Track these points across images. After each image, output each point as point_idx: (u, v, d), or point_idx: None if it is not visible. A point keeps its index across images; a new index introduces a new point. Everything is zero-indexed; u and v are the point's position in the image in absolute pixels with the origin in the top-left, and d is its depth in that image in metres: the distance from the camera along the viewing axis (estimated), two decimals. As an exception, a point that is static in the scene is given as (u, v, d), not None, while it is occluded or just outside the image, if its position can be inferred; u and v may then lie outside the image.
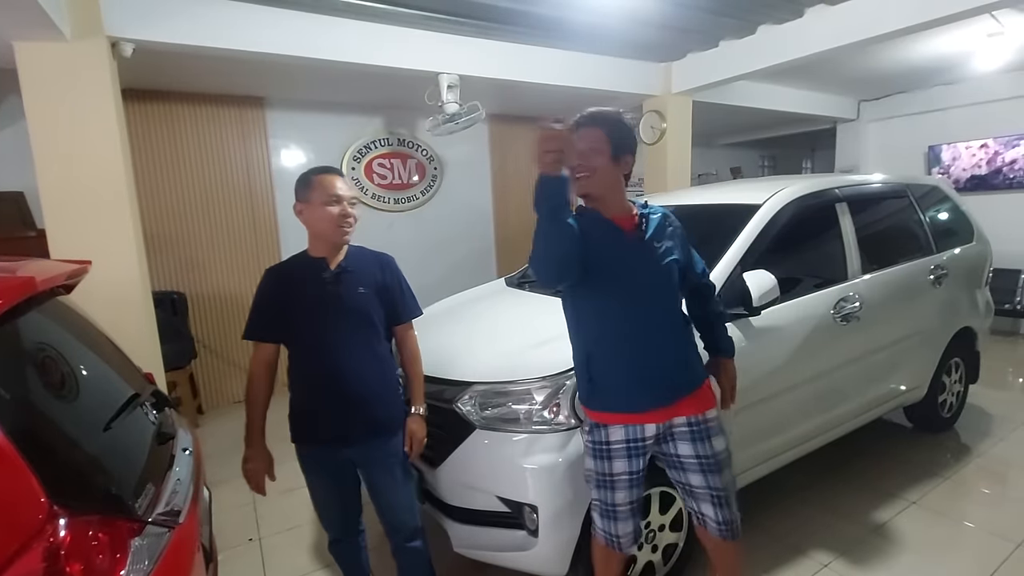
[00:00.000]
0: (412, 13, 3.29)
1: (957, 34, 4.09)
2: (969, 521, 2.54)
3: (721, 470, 1.63)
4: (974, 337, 3.37)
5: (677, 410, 1.61)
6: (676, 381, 1.62)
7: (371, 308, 1.78)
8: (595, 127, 1.55)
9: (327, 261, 1.78)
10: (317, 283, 1.75)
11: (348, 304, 1.75)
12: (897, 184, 3.20)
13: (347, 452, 1.78)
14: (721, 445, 1.64)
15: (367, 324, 1.77)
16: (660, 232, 1.63)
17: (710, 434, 1.62)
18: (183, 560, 1.25)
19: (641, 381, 1.58)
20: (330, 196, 1.71)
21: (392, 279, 1.85)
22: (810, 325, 2.38)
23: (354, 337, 1.75)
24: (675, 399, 1.60)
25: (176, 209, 4.36)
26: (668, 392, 1.60)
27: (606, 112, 1.58)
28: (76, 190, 2.67)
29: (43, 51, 2.54)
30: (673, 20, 3.59)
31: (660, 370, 1.59)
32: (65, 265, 1.60)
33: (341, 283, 1.76)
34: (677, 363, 1.63)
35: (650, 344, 1.58)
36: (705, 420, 1.63)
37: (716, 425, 1.65)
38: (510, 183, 6.00)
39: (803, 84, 5.71)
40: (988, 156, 5.77)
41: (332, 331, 1.73)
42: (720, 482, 1.63)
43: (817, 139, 8.01)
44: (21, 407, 1.16)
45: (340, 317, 1.74)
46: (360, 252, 1.87)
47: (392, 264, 1.89)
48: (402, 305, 1.87)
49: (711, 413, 1.64)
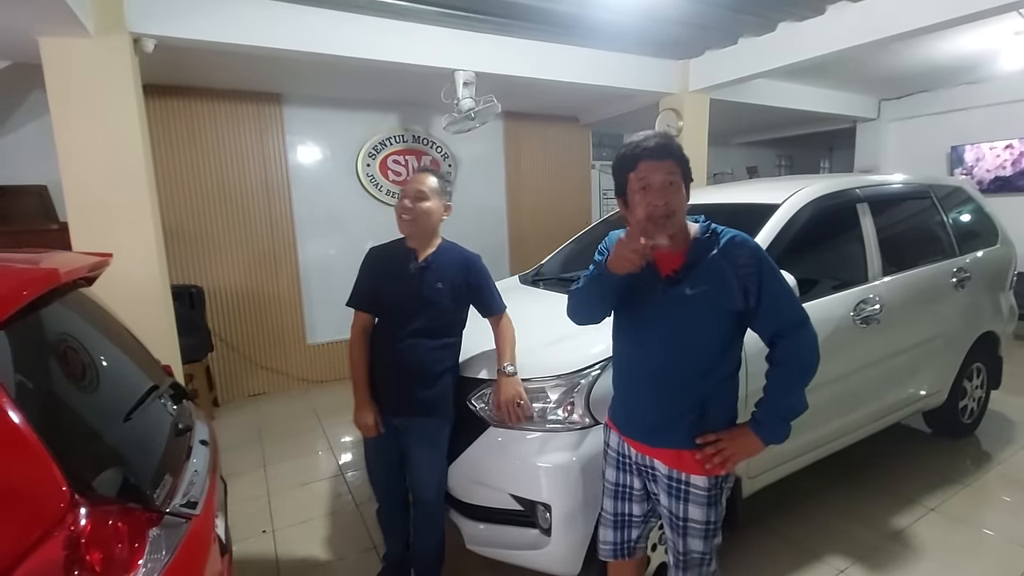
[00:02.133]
0: (429, 9, 3.29)
1: (982, 32, 4.00)
2: (989, 529, 2.49)
3: (692, 537, 1.47)
4: (997, 342, 3.31)
5: (656, 454, 1.49)
6: (656, 429, 1.47)
7: (443, 302, 1.93)
8: (668, 159, 1.33)
9: (416, 252, 1.97)
10: (402, 272, 1.96)
11: (423, 295, 1.92)
12: (919, 185, 3.14)
13: (393, 420, 1.99)
14: (700, 515, 1.44)
15: (434, 316, 1.93)
16: (705, 272, 1.37)
17: (688, 499, 1.45)
18: (199, 551, 1.26)
19: (627, 408, 1.56)
20: (402, 192, 1.96)
21: (473, 278, 1.99)
22: (829, 327, 2.34)
23: (418, 324, 1.92)
24: (653, 444, 1.48)
25: (194, 203, 4.41)
26: (645, 434, 1.50)
27: (671, 140, 1.38)
28: (98, 184, 2.71)
29: (67, 47, 2.58)
30: (692, 17, 3.55)
31: (642, 414, 1.50)
32: (87, 257, 1.63)
33: (421, 276, 1.94)
34: (662, 417, 1.45)
35: (641, 385, 1.50)
36: (685, 482, 1.44)
37: (702, 495, 1.43)
38: (524, 181, 5.99)
39: (823, 83, 5.62)
40: (1013, 157, 5.65)
41: (401, 315, 1.94)
42: (686, 547, 1.48)
43: (835, 138, 7.88)
44: (44, 397, 1.17)
45: (412, 305, 1.92)
46: (450, 249, 2.02)
47: (475, 264, 2.01)
48: (482, 302, 2.03)
49: (697, 480, 1.43)
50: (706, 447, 1.42)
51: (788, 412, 1.42)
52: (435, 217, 1.94)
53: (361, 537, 2.61)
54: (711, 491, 1.44)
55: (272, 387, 4.86)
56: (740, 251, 1.37)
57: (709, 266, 1.37)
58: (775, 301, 1.38)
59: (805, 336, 1.40)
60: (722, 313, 1.38)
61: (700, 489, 1.43)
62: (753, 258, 1.37)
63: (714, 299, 1.37)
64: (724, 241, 1.39)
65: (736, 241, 1.39)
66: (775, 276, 1.39)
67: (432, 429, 1.96)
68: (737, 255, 1.37)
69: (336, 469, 3.32)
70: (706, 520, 1.45)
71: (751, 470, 2.17)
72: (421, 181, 1.93)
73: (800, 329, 1.39)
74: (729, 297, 1.36)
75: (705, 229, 1.42)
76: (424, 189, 1.91)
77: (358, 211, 5.07)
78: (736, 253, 1.37)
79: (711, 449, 1.41)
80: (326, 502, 2.94)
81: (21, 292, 1.17)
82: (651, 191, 1.33)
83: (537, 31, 3.73)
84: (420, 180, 1.94)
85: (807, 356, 1.40)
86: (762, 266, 1.37)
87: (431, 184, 1.93)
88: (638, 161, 1.34)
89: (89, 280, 1.75)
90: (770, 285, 1.37)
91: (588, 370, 1.88)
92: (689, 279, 1.38)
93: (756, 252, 1.39)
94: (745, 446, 1.42)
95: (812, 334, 1.41)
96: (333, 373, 5.07)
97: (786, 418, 1.42)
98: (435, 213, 1.93)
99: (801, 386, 1.41)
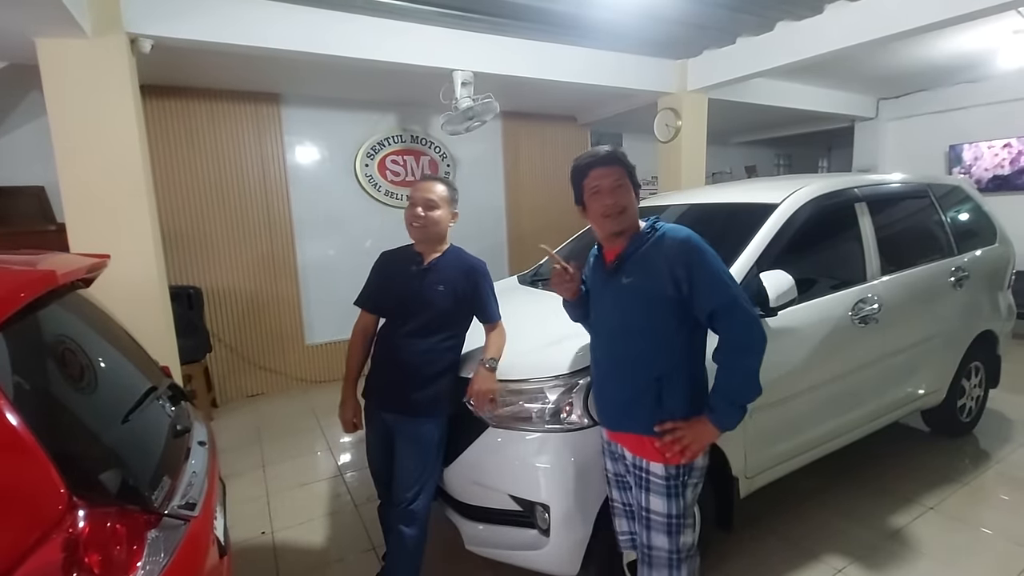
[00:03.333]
0: (427, 9, 3.29)
1: (981, 31, 4.01)
2: (987, 528, 2.49)
3: (654, 530, 1.51)
4: (995, 341, 3.31)
5: (620, 439, 1.62)
6: (616, 414, 1.60)
7: (444, 305, 1.96)
8: (614, 165, 1.52)
9: (423, 257, 2.01)
10: (407, 273, 2.00)
11: (424, 297, 1.96)
12: (918, 184, 3.15)
13: (386, 417, 2.01)
14: (660, 506, 1.49)
15: (432, 317, 1.96)
16: (638, 262, 1.50)
17: (648, 487, 1.51)
18: (198, 552, 1.26)
19: (597, 395, 1.69)
20: (412, 198, 2.00)
21: (472, 285, 2.01)
22: (828, 327, 2.35)
23: (415, 325, 1.95)
24: (617, 429, 1.61)
25: (192, 204, 4.40)
26: (611, 419, 1.63)
27: (616, 150, 1.57)
28: (96, 185, 2.70)
29: (64, 48, 2.57)
30: (690, 16, 3.56)
31: (608, 399, 1.63)
32: (85, 259, 1.62)
33: (424, 278, 1.98)
34: (618, 402, 1.57)
35: (603, 372, 1.64)
36: (645, 470, 1.52)
37: (661, 483, 1.49)
38: (523, 181, 6.00)
39: (821, 82, 5.63)
40: (1011, 156, 5.66)
41: (400, 315, 1.98)
42: (649, 540, 1.53)
43: (834, 138, 7.89)
44: (42, 399, 1.17)
45: (411, 305, 1.96)
46: (455, 254, 2.06)
47: (476, 271, 2.04)
48: (480, 309, 2.05)
49: (656, 468, 1.49)
50: (665, 435, 1.47)
51: (736, 396, 1.45)
52: (443, 225, 2.01)
53: (360, 538, 2.61)
54: (669, 481, 1.49)
55: (271, 387, 4.85)
56: (671, 242, 1.47)
57: (642, 257, 1.50)
58: (705, 286, 1.43)
59: (739, 316, 1.43)
60: (655, 300, 1.47)
61: (659, 478, 1.50)
62: (682, 247, 1.45)
63: (646, 287, 1.48)
64: (657, 235, 1.51)
65: (668, 234, 1.50)
66: (704, 263, 1.45)
67: (421, 430, 1.96)
68: (668, 246, 1.47)
69: (335, 469, 3.32)
70: (667, 512, 1.49)
71: (749, 470, 2.17)
72: (432, 190, 1.98)
73: (734, 310, 1.43)
74: (660, 284, 1.45)
75: (649, 226, 1.54)
76: (435, 198, 1.97)
77: (356, 211, 5.07)
78: (667, 244, 1.48)
79: (669, 437, 1.46)
80: (325, 503, 2.94)
81: (19, 294, 1.16)
82: (602, 192, 1.51)
83: (535, 31, 3.73)
84: (431, 189, 1.98)
85: (743, 337, 1.44)
86: (691, 255, 1.44)
87: (441, 193, 1.99)
88: (590, 169, 1.53)
89: (87, 281, 1.75)
90: (699, 271, 1.44)
91: (586, 371, 1.88)
92: (624, 269, 1.53)
93: (686, 242, 1.47)
94: (701, 434, 1.47)
95: (746, 314, 1.44)
96: (332, 373, 5.07)
97: (734, 402, 1.45)
98: (444, 221, 2.00)
99: (744, 368, 1.44)
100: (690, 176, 4.81)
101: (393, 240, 2.04)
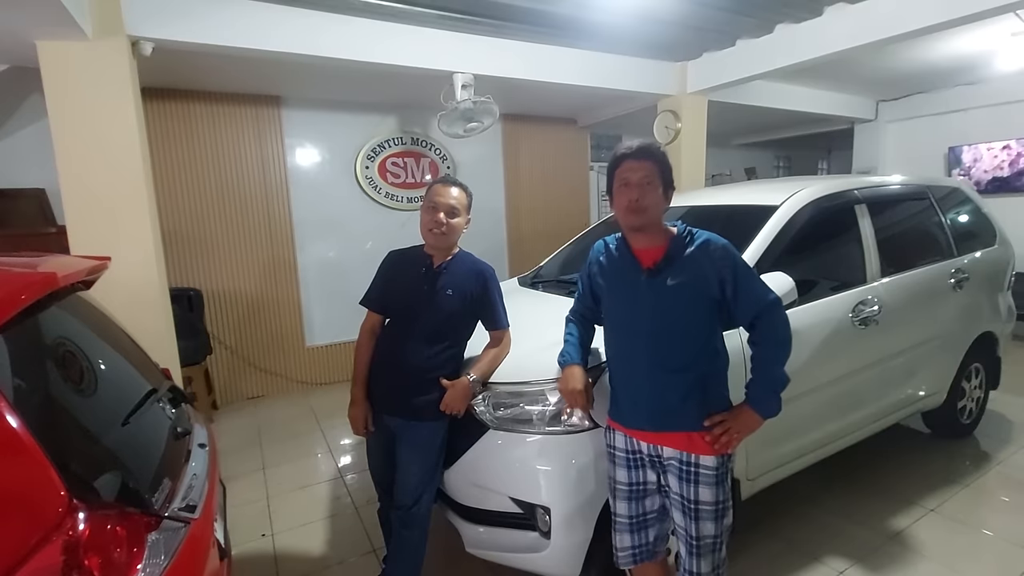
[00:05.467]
0: (427, 12, 3.29)
1: (979, 33, 4.01)
2: (988, 530, 2.49)
3: (704, 520, 1.54)
4: (995, 342, 3.31)
5: (665, 440, 1.57)
6: (662, 415, 1.56)
7: (451, 309, 1.94)
8: (647, 160, 1.52)
9: (432, 259, 2.00)
10: (415, 275, 1.98)
11: (431, 301, 1.94)
12: (918, 186, 3.15)
13: (388, 420, 2.00)
14: (710, 496, 1.53)
15: (439, 321, 1.94)
16: (685, 264, 1.53)
17: (698, 480, 1.54)
18: (198, 555, 1.26)
19: (630, 400, 1.63)
20: (430, 202, 1.95)
21: (480, 290, 1.99)
22: (828, 328, 2.35)
23: (424, 329, 1.94)
24: (660, 429, 1.57)
25: (193, 206, 4.41)
26: (651, 421, 1.58)
27: (653, 145, 1.56)
28: (96, 187, 2.70)
29: (65, 50, 2.58)
30: (690, 19, 3.56)
31: (646, 401, 1.58)
32: (85, 261, 1.62)
33: (432, 281, 1.96)
34: (665, 402, 1.55)
35: (642, 374, 1.58)
36: (696, 464, 1.54)
37: (711, 474, 1.53)
38: (523, 183, 6.00)
39: (821, 84, 5.63)
40: (1011, 158, 5.66)
41: (407, 317, 1.97)
42: (698, 531, 1.54)
43: (834, 140, 7.90)
44: (42, 401, 1.17)
45: (418, 308, 1.94)
46: (465, 259, 2.05)
47: (485, 276, 2.01)
48: (488, 315, 2.03)
49: (707, 460, 1.53)
50: (714, 428, 1.53)
51: (777, 385, 1.56)
52: (460, 231, 2.00)
53: (361, 540, 2.60)
54: (719, 470, 1.54)
55: (271, 390, 4.85)
56: (715, 247, 1.55)
57: (688, 260, 1.54)
58: (750, 289, 1.55)
59: (780, 315, 1.57)
60: (701, 299, 1.54)
61: (710, 469, 1.53)
62: (726, 252, 1.55)
63: (694, 287, 1.53)
64: (700, 240, 1.56)
65: (711, 240, 1.57)
66: (746, 268, 1.57)
67: (423, 434, 1.94)
68: (713, 251, 1.54)
69: (335, 472, 3.32)
70: (715, 500, 1.54)
71: (750, 472, 2.17)
72: (453, 196, 1.96)
73: (775, 310, 1.56)
74: (707, 285, 1.53)
75: (683, 230, 1.59)
76: (457, 205, 1.96)
77: (357, 213, 5.07)
78: (712, 249, 1.55)
79: (719, 429, 1.53)
80: (326, 505, 2.94)
81: (19, 296, 1.16)
82: (630, 186, 1.52)
83: (535, 33, 3.73)
84: (452, 195, 1.95)
85: (783, 332, 1.58)
86: (735, 260, 1.55)
87: (463, 200, 1.99)
88: (623, 160, 1.55)
89: (87, 284, 1.75)
90: (744, 276, 1.55)
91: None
92: (670, 270, 1.54)
93: (728, 248, 1.57)
94: (747, 422, 1.55)
95: (784, 312, 1.59)
96: (332, 375, 5.07)
97: (775, 391, 1.57)
98: (461, 227, 2.00)
99: (782, 360, 1.57)
100: (690, 178, 4.81)
101: (393, 242, 2.03)
